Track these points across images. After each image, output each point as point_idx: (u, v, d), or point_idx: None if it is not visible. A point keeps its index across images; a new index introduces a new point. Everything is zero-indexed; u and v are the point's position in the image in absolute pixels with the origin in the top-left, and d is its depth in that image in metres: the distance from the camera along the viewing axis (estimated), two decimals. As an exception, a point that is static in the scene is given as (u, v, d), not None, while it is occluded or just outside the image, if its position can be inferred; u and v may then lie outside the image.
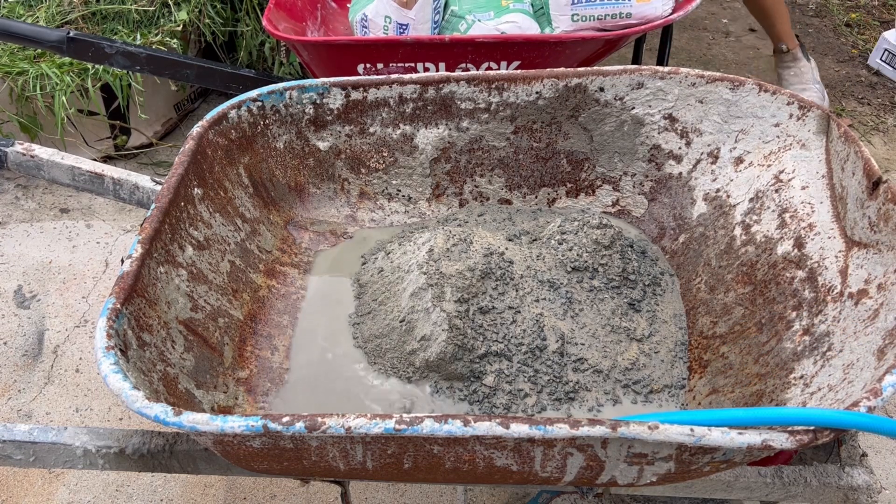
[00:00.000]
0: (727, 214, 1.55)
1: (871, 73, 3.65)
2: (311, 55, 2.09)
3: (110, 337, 1.08)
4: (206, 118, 1.53)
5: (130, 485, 2.00)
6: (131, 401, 0.99)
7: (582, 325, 1.46)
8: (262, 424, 0.96)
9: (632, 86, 1.61)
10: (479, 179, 1.75)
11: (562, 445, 0.98)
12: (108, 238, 2.76)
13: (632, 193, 1.73)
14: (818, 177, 1.43)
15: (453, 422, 0.95)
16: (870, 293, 1.19)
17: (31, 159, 1.68)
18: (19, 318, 2.44)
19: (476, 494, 1.95)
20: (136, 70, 2.30)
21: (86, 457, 1.27)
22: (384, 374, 1.41)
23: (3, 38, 2.23)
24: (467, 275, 1.41)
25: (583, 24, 2.10)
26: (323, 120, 1.66)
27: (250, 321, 1.47)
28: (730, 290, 1.46)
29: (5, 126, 2.90)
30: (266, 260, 1.58)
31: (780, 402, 1.19)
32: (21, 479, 2.00)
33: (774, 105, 1.51)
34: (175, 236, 1.35)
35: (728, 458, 1.01)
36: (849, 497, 1.27)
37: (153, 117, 3.15)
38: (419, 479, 1.14)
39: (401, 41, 1.99)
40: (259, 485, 1.98)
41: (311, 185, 1.73)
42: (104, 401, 2.20)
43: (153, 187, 1.64)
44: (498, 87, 1.63)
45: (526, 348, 1.40)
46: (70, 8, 3.03)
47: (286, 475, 1.18)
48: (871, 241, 1.25)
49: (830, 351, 1.19)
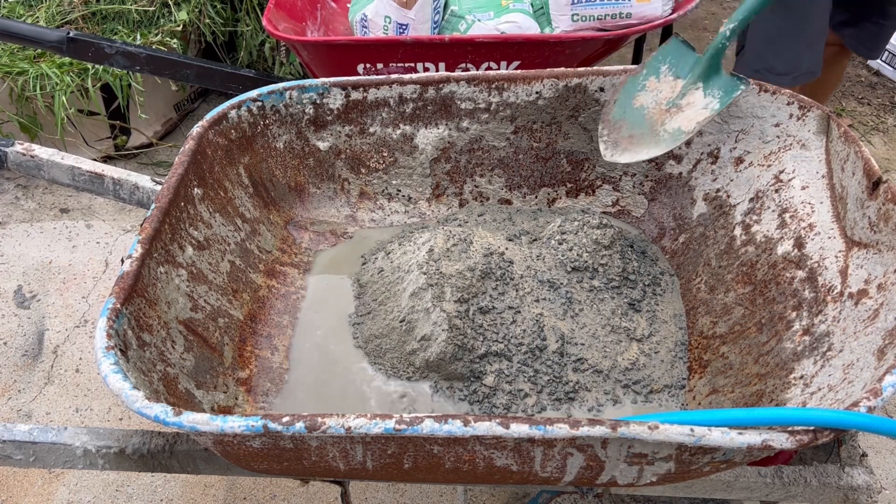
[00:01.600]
0: (727, 214, 1.55)
1: (871, 73, 3.65)
2: (311, 55, 2.09)
3: (110, 337, 1.08)
4: (206, 118, 1.53)
5: (130, 485, 2.00)
6: (131, 401, 0.99)
7: (582, 325, 1.46)
8: (262, 424, 0.96)
9: (632, 86, 1.61)
10: (479, 179, 1.75)
11: (562, 445, 0.98)
12: (108, 238, 2.76)
13: (632, 193, 1.72)
14: (818, 177, 1.43)
15: (453, 422, 0.95)
16: (870, 293, 1.19)
17: (31, 159, 1.68)
18: (19, 318, 2.44)
19: (476, 494, 1.95)
20: (136, 70, 2.30)
21: (86, 457, 1.27)
22: (384, 374, 1.41)
23: (3, 38, 2.23)
24: (467, 275, 1.41)
25: (583, 24, 2.10)
26: (323, 120, 1.66)
27: (250, 321, 1.47)
28: (730, 290, 1.46)
29: (5, 126, 2.90)
30: (266, 260, 1.58)
31: (780, 402, 1.19)
32: (21, 479, 2.00)
33: (774, 105, 1.51)
34: (175, 236, 1.35)
35: (728, 458, 1.01)
36: (849, 497, 1.27)
37: (153, 117, 3.15)
38: (419, 479, 1.14)
39: (401, 41, 1.99)
40: (259, 485, 1.98)
41: (311, 185, 1.73)
42: (104, 401, 2.20)
43: (153, 187, 1.63)
44: (498, 87, 1.63)
45: (526, 348, 1.40)
46: (70, 8, 3.03)
47: (286, 475, 1.18)
48: (871, 241, 1.25)
49: (830, 351, 1.19)
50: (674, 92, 1.51)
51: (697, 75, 1.51)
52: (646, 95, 1.52)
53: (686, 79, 1.51)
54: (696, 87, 1.49)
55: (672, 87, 1.51)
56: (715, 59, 1.49)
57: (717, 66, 1.50)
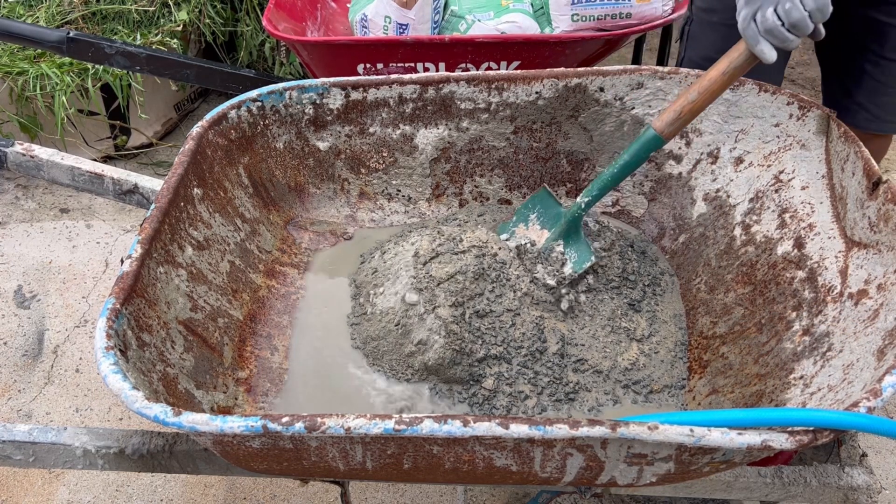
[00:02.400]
0: (727, 214, 1.55)
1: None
2: (311, 55, 2.09)
3: (110, 337, 1.08)
4: (206, 118, 1.53)
5: (130, 485, 2.00)
6: (131, 401, 0.99)
7: (582, 326, 1.46)
8: (262, 424, 0.96)
9: (632, 86, 1.61)
10: (479, 179, 1.75)
11: (561, 446, 0.98)
12: (108, 238, 2.76)
13: (632, 193, 1.72)
14: (818, 177, 1.43)
15: (453, 422, 0.95)
16: (870, 293, 1.19)
17: (31, 159, 1.68)
18: (19, 318, 2.44)
19: (476, 494, 1.95)
20: (136, 70, 2.30)
21: (86, 457, 1.27)
22: (384, 375, 1.41)
23: (3, 38, 2.23)
24: (459, 278, 1.41)
25: (583, 24, 2.10)
26: (323, 120, 1.66)
27: (250, 321, 1.47)
28: (730, 290, 1.46)
29: (5, 126, 2.90)
30: (266, 260, 1.58)
31: (780, 403, 1.19)
32: (21, 479, 2.01)
33: (774, 105, 1.51)
34: (175, 236, 1.35)
35: (728, 458, 1.01)
36: (848, 497, 1.27)
37: (153, 117, 3.15)
38: (419, 479, 1.14)
39: (401, 41, 1.99)
40: (259, 485, 1.98)
41: (311, 185, 1.73)
42: (104, 401, 2.20)
43: (153, 187, 1.63)
44: (498, 87, 1.63)
45: (526, 351, 1.40)
46: (70, 8, 3.03)
47: (286, 475, 1.18)
48: (871, 241, 1.25)
49: (830, 351, 1.19)
50: (540, 241, 1.54)
51: (559, 233, 1.52)
52: (514, 241, 1.54)
53: (550, 231, 1.54)
54: (557, 244, 1.51)
55: (539, 235, 1.54)
56: (573, 224, 1.51)
57: (576, 229, 1.51)
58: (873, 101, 1.80)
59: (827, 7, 1.24)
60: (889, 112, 1.82)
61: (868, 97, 1.80)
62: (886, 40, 1.71)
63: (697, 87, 1.36)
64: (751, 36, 1.29)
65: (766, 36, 1.27)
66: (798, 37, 1.26)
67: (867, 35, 1.73)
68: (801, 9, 1.23)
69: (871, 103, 1.81)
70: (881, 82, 1.77)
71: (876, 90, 1.79)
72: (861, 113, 1.82)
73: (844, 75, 1.83)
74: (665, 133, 1.39)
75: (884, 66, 1.75)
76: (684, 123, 1.40)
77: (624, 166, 1.44)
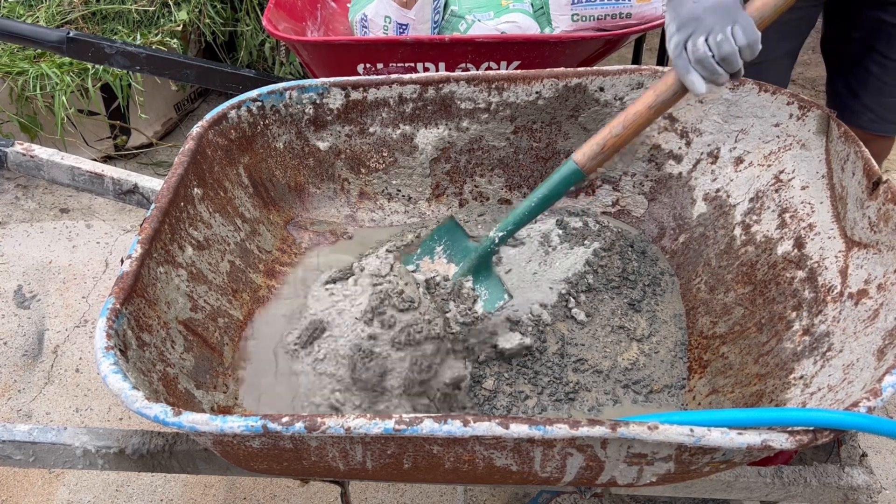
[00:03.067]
0: (727, 214, 1.55)
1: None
2: (311, 55, 2.09)
3: (110, 337, 1.08)
4: (206, 118, 1.53)
5: (130, 485, 2.00)
6: (131, 401, 0.99)
7: (581, 326, 1.46)
8: (262, 424, 0.96)
9: (632, 86, 1.61)
10: (479, 179, 1.75)
11: (561, 446, 0.98)
12: (108, 238, 2.76)
13: (632, 193, 1.72)
14: (818, 177, 1.43)
15: (453, 422, 0.95)
16: (870, 293, 1.19)
17: (31, 159, 1.68)
18: (19, 318, 2.44)
19: (476, 494, 1.95)
20: (136, 70, 2.30)
21: (86, 457, 1.27)
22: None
23: (3, 38, 2.23)
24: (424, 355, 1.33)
25: (583, 23, 2.10)
26: (323, 120, 1.66)
27: (250, 321, 1.47)
28: (730, 290, 1.46)
29: (5, 126, 2.90)
30: (266, 260, 1.58)
31: (780, 403, 1.19)
32: (21, 479, 2.01)
33: (774, 105, 1.51)
34: (175, 236, 1.35)
35: (728, 458, 1.01)
36: (849, 497, 1.27)
37: (153, 117, 3.15)
38: (419, 479, 1.14)
39: (401, 41, 1.99)
40: (259, 485, 1.98)
41: (311, 185, 1.73)
42: (104, 401, 2.20)
43: (153, 187, 1.64)
44: (498, 87, 1.63)
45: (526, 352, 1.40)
46: (70, 8, 3.03)
47: (286, 475, 1.18)
48: (871, 241, 1.25)
49: (830, 351, 1.19)
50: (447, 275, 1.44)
51: (468, 268, 1.43)
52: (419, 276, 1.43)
53: (458, 266, 1.44)
54: (466, 280, 1.42)
55: (446, 269, 1.45)
56: (485, 259, 1.43)
57: (487, 265, 1.43)
58: (878, 103, 1.80)
59: (757, 45, 1.19)
60: (894, 113, 1.81)
61: (873, 98, 1.80)
62: (893, 42, 1.70)
63: (623, 121, 1.30)
64: (681, 65, 1.23)
65: (696, 66, 1.21)
66: (727, 72, 1.20)
67: (874, 36, 1.72)
68: (731, 42, 1.18)
69: (876, 104, 1.80)
70: (887, 84, 1.77)
71: (881, 91, 1.79)
72: (866, 114, 1.82)
73: (850, 76, 1.82)
74: (587, 167, 1.32)
75: (890, 68, 1.74)
76: (607, 157, 1.33)
77: (542, 199, 1.36)
